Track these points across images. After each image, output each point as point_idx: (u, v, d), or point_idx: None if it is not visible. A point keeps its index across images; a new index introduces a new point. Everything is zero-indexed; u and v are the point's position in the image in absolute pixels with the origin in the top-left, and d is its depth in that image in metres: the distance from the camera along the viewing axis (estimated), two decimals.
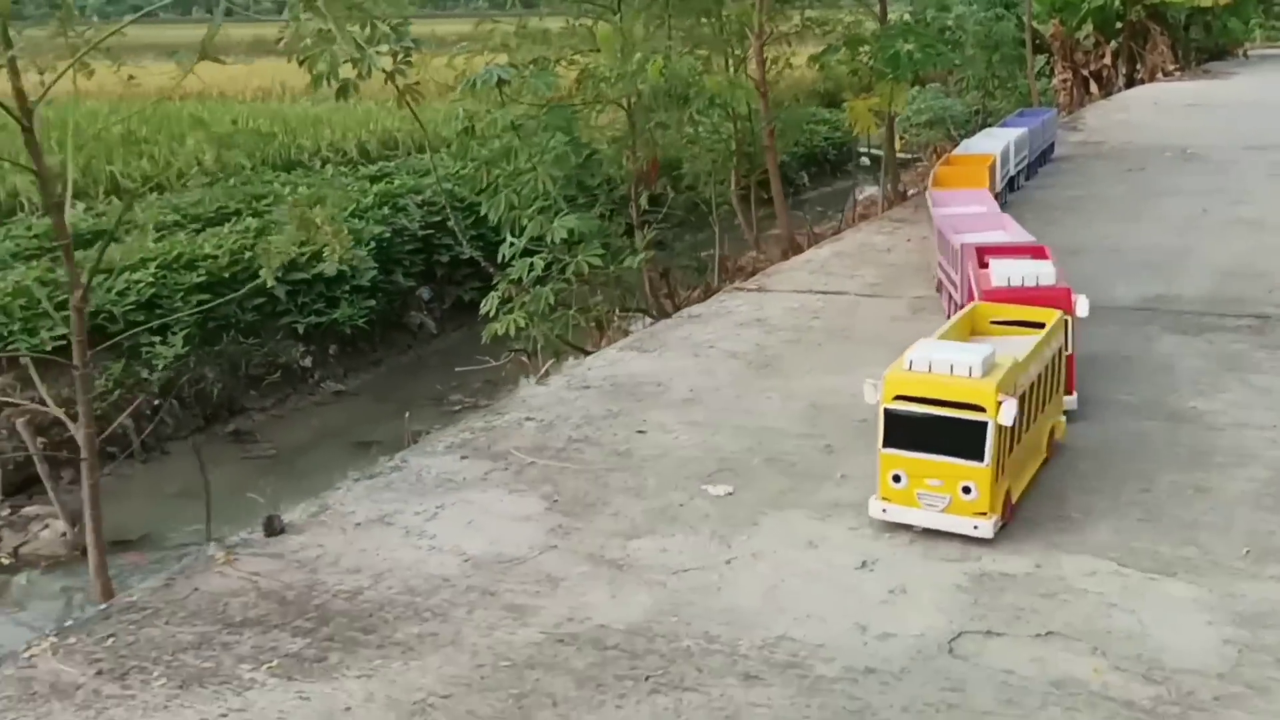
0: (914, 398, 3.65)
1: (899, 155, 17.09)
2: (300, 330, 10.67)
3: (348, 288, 11.04)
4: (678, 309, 9.16)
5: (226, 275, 10.34)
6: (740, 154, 10.15)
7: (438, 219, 12.56)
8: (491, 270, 9.01)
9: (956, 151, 9.23)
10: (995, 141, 9.42)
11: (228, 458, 9.26)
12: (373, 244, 11.61)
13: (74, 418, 5.08)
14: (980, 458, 3.55)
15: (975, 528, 3.59)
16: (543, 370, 8.87)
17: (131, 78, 5.15)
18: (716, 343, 6.08)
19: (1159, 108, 17.33)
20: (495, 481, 4.33)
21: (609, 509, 4.06)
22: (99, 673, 3.09)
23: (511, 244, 8.52)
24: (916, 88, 13.99)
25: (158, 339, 9.41)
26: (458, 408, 9.98)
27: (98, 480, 4.60)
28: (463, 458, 4.57)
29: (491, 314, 8.62)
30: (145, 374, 9.33)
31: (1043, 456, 4.11)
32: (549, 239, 8.28)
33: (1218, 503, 3.94)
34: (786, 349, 5.91)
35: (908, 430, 3.66)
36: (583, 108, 9.31)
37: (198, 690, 3.00)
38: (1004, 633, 3.19)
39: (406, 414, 7.99)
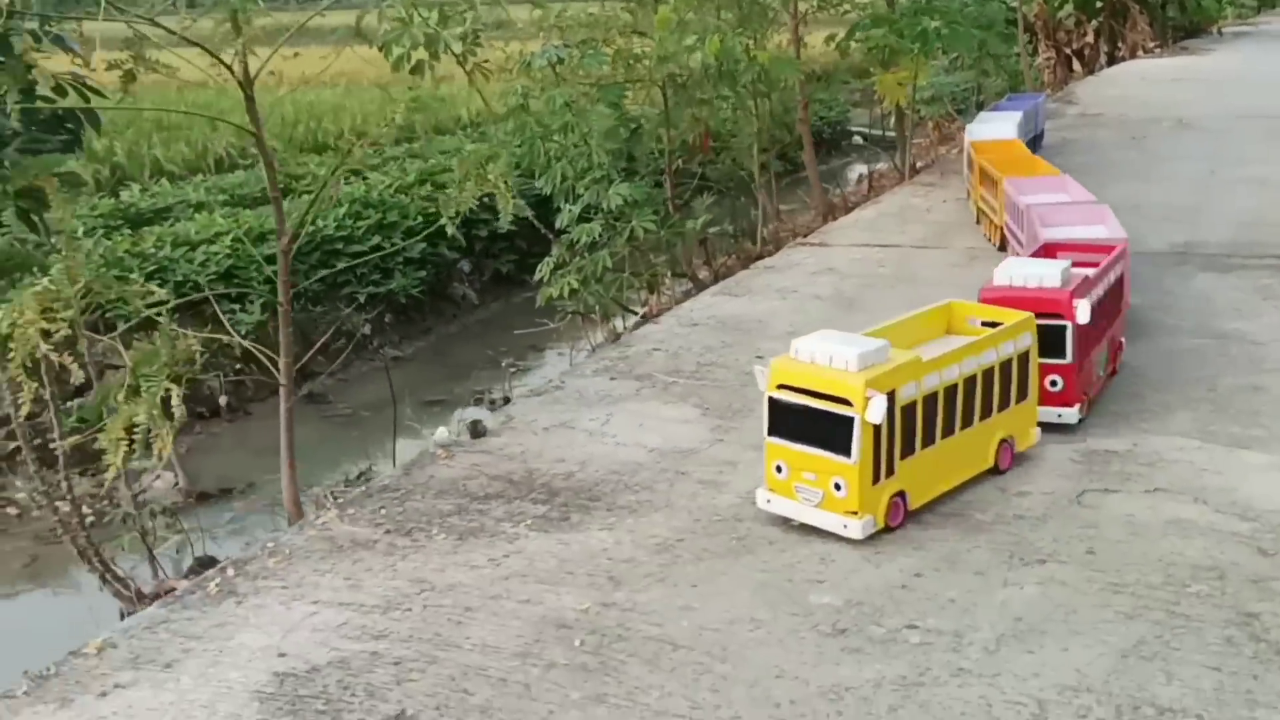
0: (794, 387, 3.58)
1: (888, 134, 17.86)
2: (361, 299, 11.28)
3: (401, 260, 11.67)
4: (715, 274, 9.88)
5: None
6: (780, 126, 10.85)
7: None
8: (551, 237, 9.64)
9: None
10: (1006, 125, 9.70)
11: (308, 417, 9.84)
12: (420, 218, 12.23)
13: (248, 353, 5.75)
14: (848, 453, 3.45)
15: (844, 526, 3.51)
16: (597, 330, 9.59)
17: (297, 54, 5.80)
18: (797, 288, 6.76)
19: (1146, 82, 18.12)
20: (647, 396, 5.01)
21: (755, 413, 4.74)
22: (387, 531, 3.75)
23: (570, 211, 9.17)
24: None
25: (237, 306, 10.03)
26: (513, 369, 10.68)
27: (293, 406, 5.25)
28: (611, 379, 5.23)
29: (545, 279, 9.25)
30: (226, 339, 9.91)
31: (985, 466, 3.93)
32: (605, 206, 8.94)
33: (1275, 398, 4.66)
34: (863, 291, 6.60)
35: (788, 420, 3.59)
36: (629, 84, 9.97)
37: (474, 541, 3.67)
38: (1119, 490, 3.90)
39: (505, 363, 8.65)
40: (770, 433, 3.64)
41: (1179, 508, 3.75)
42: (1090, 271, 4.56)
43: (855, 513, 3.49)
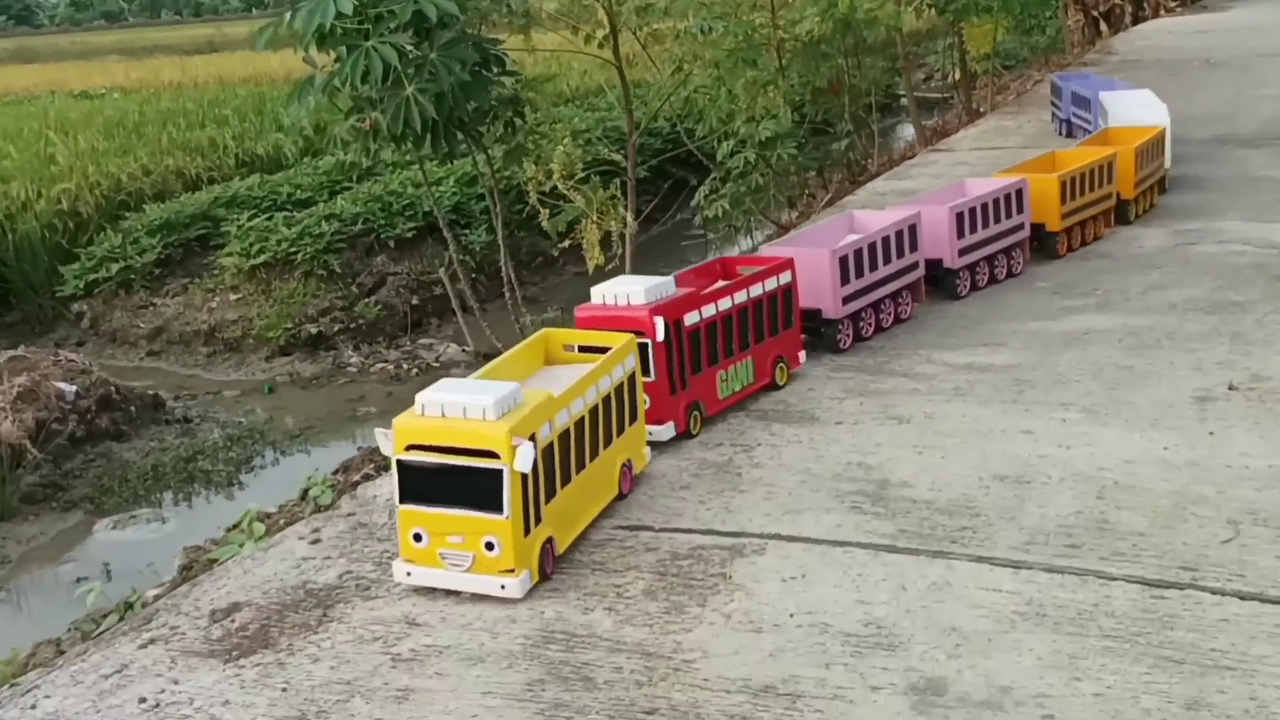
0: (427, 446, 3.27)
1: (929, 95, 20.60)
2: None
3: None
4: (829, 195, 12.55)
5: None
6: (888, 74, 13.52)
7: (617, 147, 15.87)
8: (710, 165, 12.36)
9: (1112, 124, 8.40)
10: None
11: (528, 308, 12.56)
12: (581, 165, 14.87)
13: (479, 265, 8.44)
14: (499, 509, 3.20)
15: (502, 587, 3.26)
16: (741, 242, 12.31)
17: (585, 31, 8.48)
18: (943, 174, 9.38)
19: (1173, 35, 20.62)
20: None
21: None
22: None
23: (726, 146, 11.87)
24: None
25: (467, 231, 12.72)
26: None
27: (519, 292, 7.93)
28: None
29: (703, 204, 11.95)
30: (465, 256, 12.64)
31: (612, 494, 3.81)
32: (755, 139, 11.62)
33: None
34: (990, 169, 9.23)
35: (424, 482, 3.28)
36: (764, 46, 12.66)
37: None
38: (1196, 242, 6.54)
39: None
40: (403, 499, 3.32)
41: (1236, 246, 6.39)
42: (696, 289, 4.52)
43: (512, 570, 3.25)
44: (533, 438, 3.24)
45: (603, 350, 3.91)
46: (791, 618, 3.11)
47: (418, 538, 3.32)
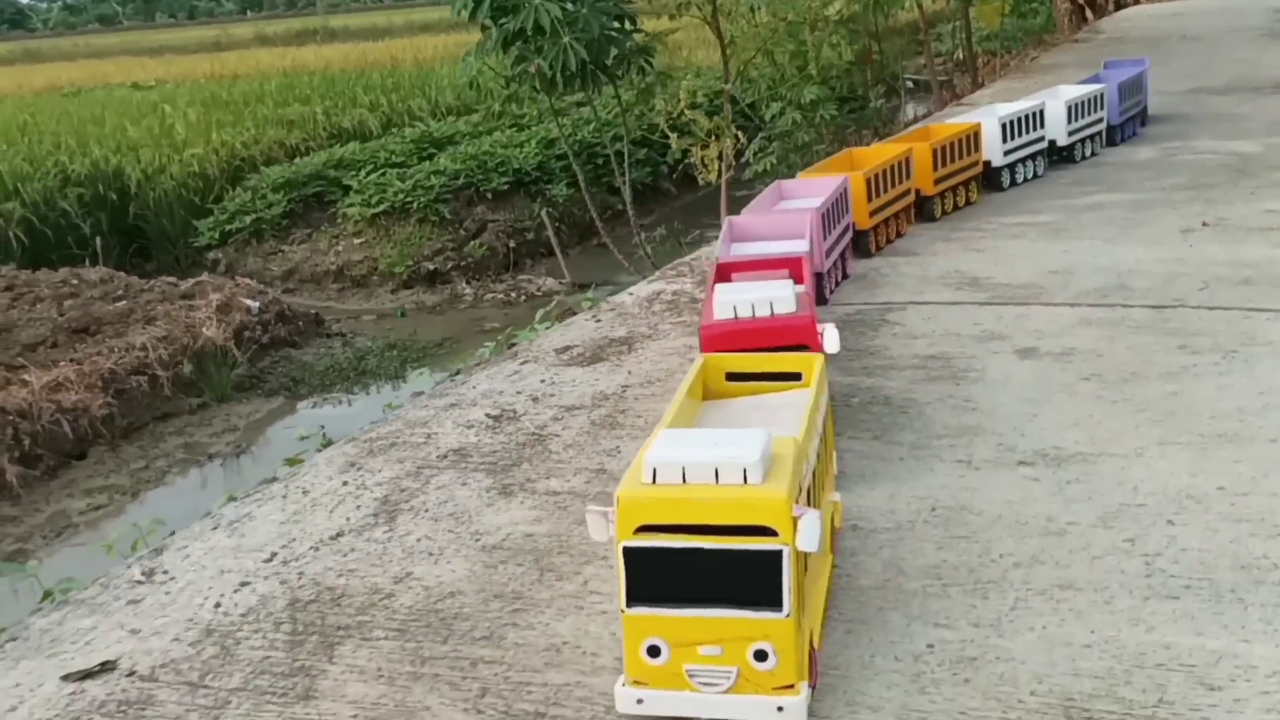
0: (667, 526, 2.31)
1: (922, 78, 22.62)
2: (615, 185, 15.98)
3: (639, 156, 16.35)
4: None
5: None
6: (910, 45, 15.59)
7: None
8: (761, 125, 14.43)
9: None
10: None
11: (606, 254, 14.58)
12: (638, 133, 16.90)
13: (562, 216, 10.43)
14: (778, 604, 2.25)
15: (780, 710, 2.29)
16: None
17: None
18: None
19: (1153, 17, 22.77)
20: None
21: None
22: None
23: (774, 107, 13.93)
24: None
25: (549, 186, 14.73)
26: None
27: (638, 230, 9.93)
28: None
29: (753, 160, 14.01)
30: (546, 206, 14.68)
31: (830, 564, 2.91)
32: (799, 101, 13.70)
33: (1248, 124, 9.36)
34: None
35: (664, 575, 2.34)
36: (802, 24, 14.73)
37: None
38: (1177, 153, 8.59)
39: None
40: (631, 600, 2.36)
41: (1207, 154, 8.44)
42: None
43: (792, 686, 2.31)
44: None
45: (757, 377, 3.07)
46: (935, 334, 5.15)
47: (654, 651, 2.33)
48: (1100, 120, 8.83)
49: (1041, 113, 8.16)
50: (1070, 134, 8.47)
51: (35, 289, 11.48)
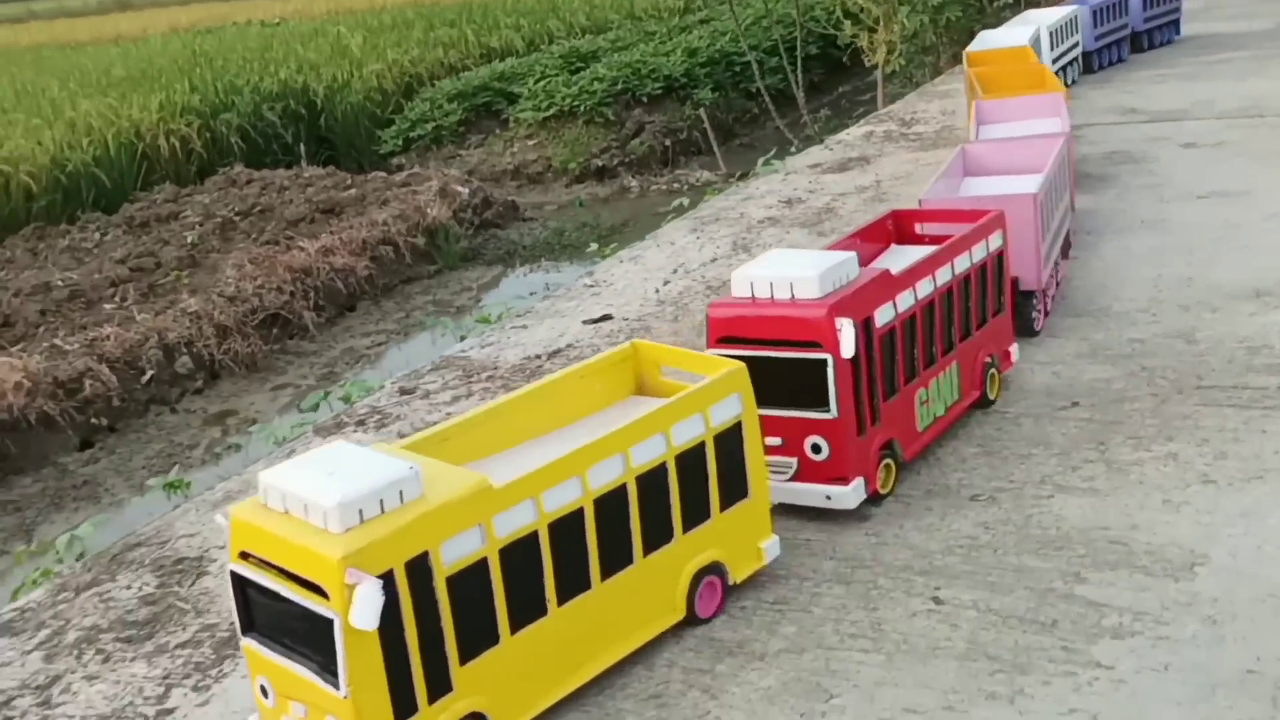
0: (262, 559, 2.16)
1: None
2: (750, 90, 17.45)
3: (773, 63, 17.79)
4: None
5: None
6: None
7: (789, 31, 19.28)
8: (869, 24, 15.69)
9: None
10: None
11: (747, 151, 16.10)
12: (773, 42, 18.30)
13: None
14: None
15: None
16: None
17: None
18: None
19: None
20: None
21: None
22: None
23: (903, 12, 15.22)
24: None
25: (695, 90, 16.25)
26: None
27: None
28: None
29: (882, 63, 15.32)
30: (691, 109, 16.20)
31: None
32: (928, 3, 14.97)
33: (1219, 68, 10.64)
34: None
35: (266, 610, 2.15)
36: None
37: None
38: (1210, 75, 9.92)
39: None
40: (245, 629, 2.23)
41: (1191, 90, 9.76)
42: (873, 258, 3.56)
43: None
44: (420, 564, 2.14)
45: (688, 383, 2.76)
46: (1112, 140, 6.67)
47: (264, 691, 2.24)
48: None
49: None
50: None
51: (275, 181, 13.30)
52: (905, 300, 3.11)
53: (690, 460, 2.55)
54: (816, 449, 2.94)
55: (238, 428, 8.59)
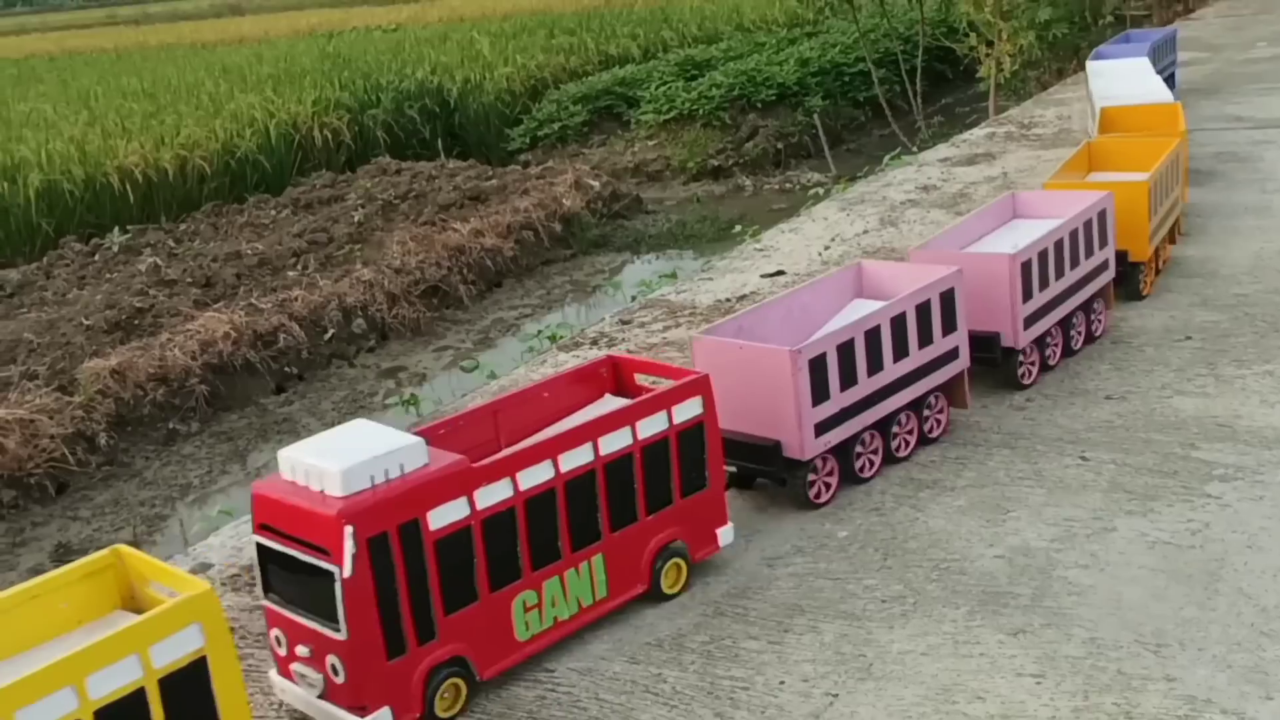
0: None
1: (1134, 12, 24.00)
2: (857, 99, 18.27)
3: (881, 74, 18.59)
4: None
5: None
6: None
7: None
8: (989, 37, 16.41)
9: None
10: None
11: (854, 155, 16.92)
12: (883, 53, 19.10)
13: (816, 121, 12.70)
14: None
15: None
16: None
17: None
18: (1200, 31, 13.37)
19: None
20: None
21: None
22: None
23: (1011, 25, 15.94)
24: None
25: (807, 98, 17.12)
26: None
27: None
28: None
29: (987, 74, 16.02)
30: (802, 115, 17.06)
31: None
32: (1036, 19, 15.69)
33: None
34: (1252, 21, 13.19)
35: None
36: None
37: None
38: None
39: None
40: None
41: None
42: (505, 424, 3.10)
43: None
44: None
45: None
46: (1219, 143, 7.42)
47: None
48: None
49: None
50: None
51: (422, 171, 14.44)
52: (494, 494, 2.66)
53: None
54: (335, 670, 2.54)
55: (408, 381, 9.66)
